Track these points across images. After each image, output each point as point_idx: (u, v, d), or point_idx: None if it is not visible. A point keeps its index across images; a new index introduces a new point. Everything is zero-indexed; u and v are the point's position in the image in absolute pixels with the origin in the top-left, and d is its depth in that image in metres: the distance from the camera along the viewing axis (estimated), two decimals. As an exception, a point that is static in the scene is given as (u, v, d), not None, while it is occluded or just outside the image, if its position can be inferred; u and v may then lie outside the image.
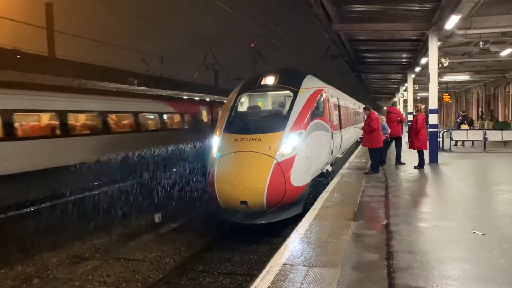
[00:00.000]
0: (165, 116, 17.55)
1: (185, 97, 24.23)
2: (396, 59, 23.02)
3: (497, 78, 29.73)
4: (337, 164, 12.64)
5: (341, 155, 13.19)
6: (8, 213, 9.79)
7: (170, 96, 22.00)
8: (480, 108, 36.63)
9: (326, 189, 9.17)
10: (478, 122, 31.99)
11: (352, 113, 18.55)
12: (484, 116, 33.41)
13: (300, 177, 8.18)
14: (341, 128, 12.87)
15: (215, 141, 8.72)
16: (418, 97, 42.58)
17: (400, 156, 13.16)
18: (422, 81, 25.43)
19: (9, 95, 10.87)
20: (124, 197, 11.51)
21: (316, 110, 9.48)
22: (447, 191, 9.25)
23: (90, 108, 13.54)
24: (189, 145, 16.88)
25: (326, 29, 13.42)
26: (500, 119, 29.11)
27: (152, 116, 16.77)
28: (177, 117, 18.52)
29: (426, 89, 15.21)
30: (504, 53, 17.42)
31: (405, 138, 16.32)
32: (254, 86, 9.71)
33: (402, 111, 26.65)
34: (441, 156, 14.02)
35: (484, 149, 17.15)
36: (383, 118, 13.53)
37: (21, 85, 12.07)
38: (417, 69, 22.02)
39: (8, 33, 25.34)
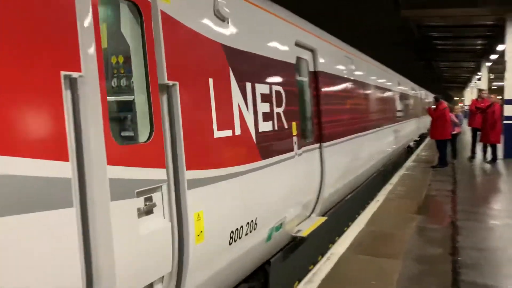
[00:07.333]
0: None
1: None
2: (469, 46, 21.86)
3: None
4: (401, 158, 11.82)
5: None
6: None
7: None
8: None
9: (390, 181, 8.99)
10: None
11: (393, 102, 11.77)
12: None
13: None
14: (330, 139, 5.53)
15: None
16: (494, 87, 39.84)
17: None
18: (497, 70, 23.81)
19: None
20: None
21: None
22: (523, 188, 8.68)
23: None
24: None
25: (393, 15, 13.02)
26: None
27: None
28: None
29: (501, 78, 14.19)
30: None
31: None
32: None
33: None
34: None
35: None
36: (458, 108, 12.88)
37: None
38: (493, 56, 20.72)
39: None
